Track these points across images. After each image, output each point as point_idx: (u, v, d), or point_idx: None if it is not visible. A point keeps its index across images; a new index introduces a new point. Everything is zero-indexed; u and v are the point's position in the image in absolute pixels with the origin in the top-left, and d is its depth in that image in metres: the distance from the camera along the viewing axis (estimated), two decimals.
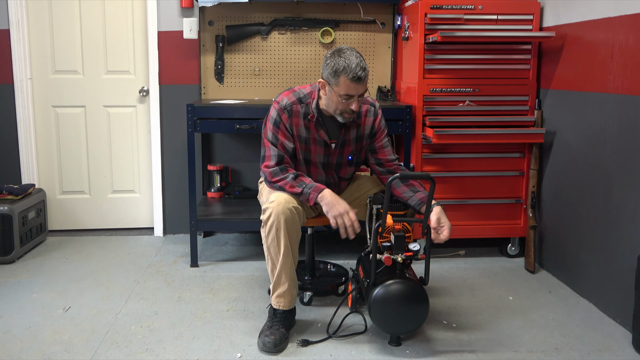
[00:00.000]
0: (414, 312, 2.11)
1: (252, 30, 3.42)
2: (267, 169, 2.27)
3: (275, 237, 2.17)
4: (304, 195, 2.21)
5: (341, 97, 2.16)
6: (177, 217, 3.61)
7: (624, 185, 2.38)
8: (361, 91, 2.17)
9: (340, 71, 2.12)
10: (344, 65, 2.11)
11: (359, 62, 2.12)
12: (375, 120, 2.40)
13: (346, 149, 2.38)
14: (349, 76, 2.11)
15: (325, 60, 2.19)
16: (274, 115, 2.28)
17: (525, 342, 2.25)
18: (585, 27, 2.65)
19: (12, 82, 3.41)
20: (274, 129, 2.27)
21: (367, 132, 2.39)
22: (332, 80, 2.15)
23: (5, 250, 3.06)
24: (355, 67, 2.11)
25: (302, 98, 2.30)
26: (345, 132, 2.34)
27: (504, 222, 3.14)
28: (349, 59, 2.12)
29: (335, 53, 2.16)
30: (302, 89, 2.33)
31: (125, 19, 3.48)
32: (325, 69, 2.18)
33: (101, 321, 2.39)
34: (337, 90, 2.16)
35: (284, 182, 2.24)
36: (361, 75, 2.12)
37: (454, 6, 2.92)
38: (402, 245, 2.12)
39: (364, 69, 2.13)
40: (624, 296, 2.36)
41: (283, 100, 2.28)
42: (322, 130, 2.31)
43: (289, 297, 2.24)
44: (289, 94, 2.31)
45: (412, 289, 2.09)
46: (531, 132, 2.95)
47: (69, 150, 3.59)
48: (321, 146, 2.34)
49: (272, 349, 2.14)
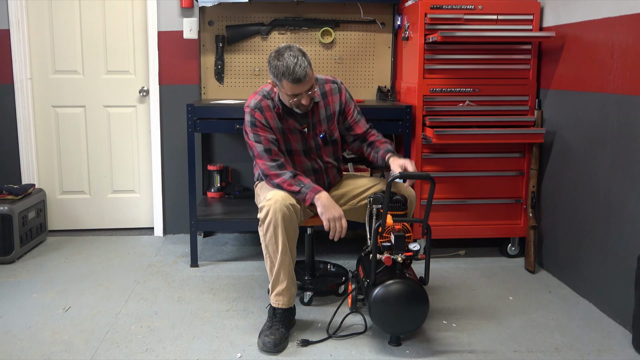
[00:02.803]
0: (414, 312, 2.11)
1: (252, 30, 3.42)
2: (263, 164, 2.31)
3: (273, 235, 2.18)
4: (302, 194, 2.25)
5: (289, 96, 2.24)
6: (177, 217, 3.61)
7: (624, 185, 2.38)
8: (306, 88, 2.23)
9: (280, 75, 2.18)
10: (282, 70, 2.16)
11: (297, 62, 2.14)
12: (341, 97, 2.46)
13: (318, 129, 2.43)
14: (289, 79, 2.17)
15: (268, 62, 2.23)
16: (248, 119, 2.36)
17: (525, 342, 2.25)
18: (585, 27, 2.65)
19: (12, 82, 3.41)
20: (252, 129, 2.34)
21: (337, 108, 2.46)
22: (277, 82, 2.24)
23: (5, 250, 3.06)
24: (293, 69, 2.14)
25: (266, 95, 2.37)
26: (312, 115, 2.40)
27: (504, 222, 3.14)
28: (287, 60, 2.15)
29: (275, 55, 2.20)
30: (264, 88, 2.41)
31: (125, 19, 3.48)
32: (269, 70, 2.23)
33: (101, 321, 2.39)
34: (284, 90, 2.24)
35: (282, 180, 2.27)
36: (301, 76, 2.15)
37: (454, 6, 2.92)
38: (402, 245, 2.12)
39: (304, 68, 2.15)
40: (624, 296, 2.36)
41: (251, 103, 2.36)
42: (291, 119, 2.37)
43: (288, 295, 2.25)
44: (254, 95, 2.39)
45: (412, 289, 2.09)
46: (531, 132, 2.95)
47: (69, 150, 3.59)
48: (297, 133, 2.39)
49: (272, 348, 2.14)
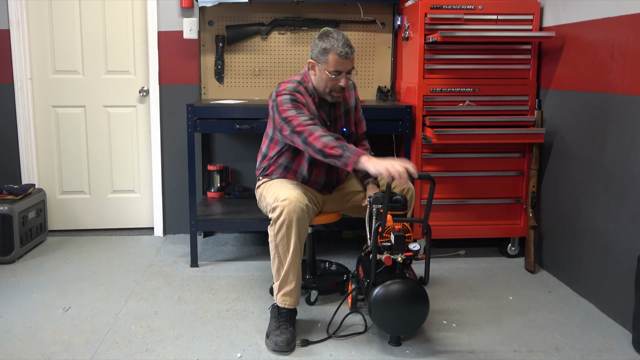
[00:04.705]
0: (414, 312, 2.11)
1: (252, 30, 3.42)
2: (305, 128, 2.17)
3: (285, 236, 2.17)
4: (344, 158, 2.08)
5: (330, 73, 2.29)
6: (177, 217, 3.61)
7: (624, 185, 2.38)
8: (349, 67, 2.30)
9: (328, 49, 2.26)
10: (332, 43, 2.26)
11: (345, 41, 2.28)
12: (355, 92, 2.57)
13: (339, 123, 2.47)
14: (336, 52, 2.25)
15: (313, 42, 2.34)
16: (287, 98, 2.28)
17: (525, 342, 2.25)
18: (585, 27, 2.65)
19: (12, 82, 3.41)
20: (293, 104, 2.26)
21: (353, 104, 2.54)
22: (322, 58, 2.29)
23: (5, 250, 3.06)
24: (343, 43, 2.26)
25: (301, 81, 2.38)
26: (335, 109, 2.45)
27: (504, 222, 3.13)
28: (335, 36, 2.28)
29: (323, 34, 2.31)
30: (293, 79, 2.40)
31: (125, 19, 3.48)
32: (314, 49, 2.32)
33: (101, 321, 2.39)
34: (326, 67, 2.29)
35: (323, 144, 2.12)
36: (348, 51, 2.26)
37: (454, 6, 2.92)
38: (402, 246, 2.12)
39: (351, 46, 2.28)
40: (624, 296, 2.36)
41: (288, 87, 2.33)
42: (321, 110, 2.40)
43: (296, 296, 2.24)
44: (286, 83, 2.36)
45: (412, 289, 2.09)
46: (531, 132, 2.95)
47: (69, 150, 3.59)
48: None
49: (285, 347, 2.12)
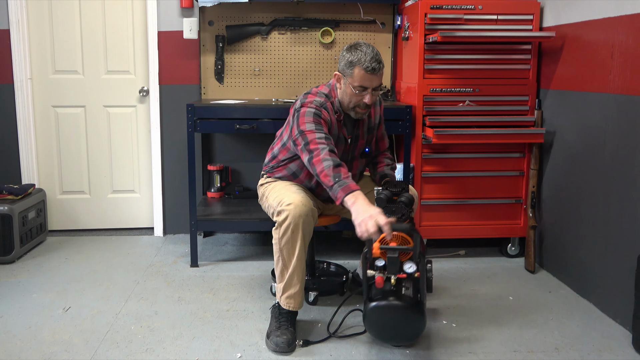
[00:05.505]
0: (409, 328, 2.01)
1: (252, 30, 3.42)
2: (313, 134, 2.14)
3: (291, 239, 2.15)
4: (333, 191, 2.05)
5: (355, 88, 2.18)
6: (177, 217, 3.61)
7: (624, 185, 2.38)
8: (375, 84, 2.19)
9: (355, 62, 2.14)
10: (359, 56, 2.14)
11: (374, 55, 2.15)
12: (380, 109, 2.46)
13: (360, 142, 2.39)
14: (363, 66, 2.13)
15: (341, 53, 2.23)
16: (312, 111, 2.20)
17: (525, 342, 2.25)
18: (585, 27, 2.65)
19: (12, 82, 3.41)
20: (315, 119, 2.19)
21: (377, 121, 2.44)
22: (347, 71, 2.18)
23: (5, 250, 3.06)
24: (370, 59, 2.13)
25: (328, 95, 2.29)
26: (358, 127, 2.36)
27: (504, 222, 3.13)
28: (364, 49, 2.16)
29: (352, 46, 2.20)
30: (321, 90, 2.31)
31: (125, 19, 3.48)
32: (341, 60, 2.22)
33: (101, 321, 2.39)
34: (351, 81, 2.18)
35: (321, 169, 2.08)
36: (375, 67, 2.14)
37: (454, 6, 2.92)
38: (395, 269, 1.96)
39: (379, 61, 2.16)
40: (624, 296, 2.36)
41: (316, 100, 2.24)
42: (344, 128, 2.32)
43: (299, 299, 2.24)
44: (314, 95, 2.27)
45: (406, 308, 1.96)
46: (531, 132, 2.95)
47: (69, 150, 3.58)
48: (342, 143, 2.34)
49: (285, 348, 2.12)
